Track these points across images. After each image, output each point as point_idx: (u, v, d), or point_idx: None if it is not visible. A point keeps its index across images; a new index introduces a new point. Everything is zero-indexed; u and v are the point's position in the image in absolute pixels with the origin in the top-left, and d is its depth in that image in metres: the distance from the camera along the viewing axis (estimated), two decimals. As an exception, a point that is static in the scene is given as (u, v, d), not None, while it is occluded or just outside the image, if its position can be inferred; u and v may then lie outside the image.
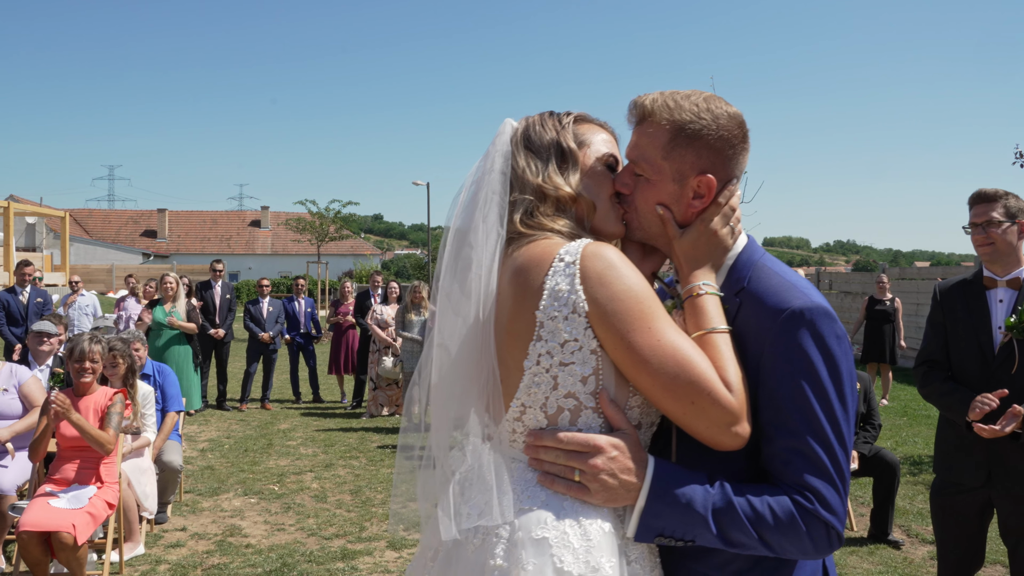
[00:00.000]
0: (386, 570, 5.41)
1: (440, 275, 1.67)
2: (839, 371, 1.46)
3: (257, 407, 12.08)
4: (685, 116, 1.56)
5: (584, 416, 1.49)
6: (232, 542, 5.92)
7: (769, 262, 1.60)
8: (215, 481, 7.67)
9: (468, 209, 1.62)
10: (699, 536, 1.43)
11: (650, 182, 1.60)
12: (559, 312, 1.44)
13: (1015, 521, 3.49)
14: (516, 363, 1.50)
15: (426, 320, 10.42)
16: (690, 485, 1.43)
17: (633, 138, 1.64)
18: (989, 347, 3.49)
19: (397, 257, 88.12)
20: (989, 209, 3.49)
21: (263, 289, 12.24)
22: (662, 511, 1.42)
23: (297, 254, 52.21)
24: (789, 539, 1.42)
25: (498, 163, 1.61)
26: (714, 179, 1.57)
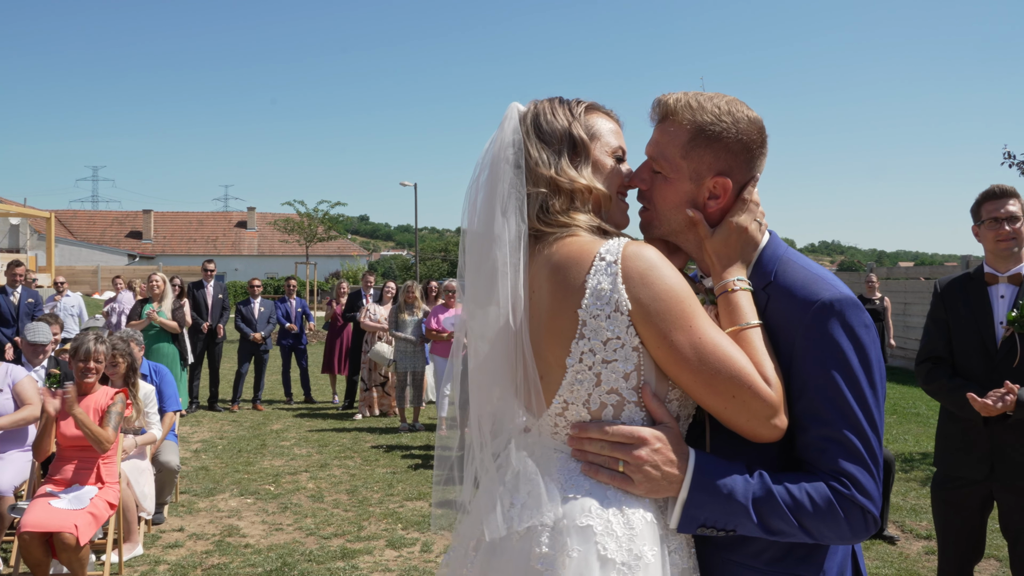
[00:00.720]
0: (387, 568, 5.41)
1: (464, 271, 1.68)
2: (869, 359, 1.49)
3: (249, 408, 12.04)
4: (707, 117, 1.58)
5: (627, 411, 1.52)
6: (231, 542, 5.91)
7: (794, 256, 1.63)
8: (210, 482, 7.65)
9: (487, 203, 1.61)
10: (740, 525, 1.46)
11: (668, 180, 1.62)
12: (602, 311, 1.45)
13: (1017, 515, 3.54)
14: (558, 360, 1.51)
15: (420, 320, 10.43)
16: (731, 476, 1.45)
17: (654, 135, 1.66)
18: (992, 342, 3.54)
19: (384, 258, 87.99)
20: (1008, 203, 3.52)
21: (254, 290, 12.20)
22: (704, 502, 1.45)
23: (284, 255, 51.99)
24: (828, 525, 1.45)
25: (511, 154, 1.59)
26: (730, 182, 1.60)
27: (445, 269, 67.91)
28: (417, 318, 10.56)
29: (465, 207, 1.70)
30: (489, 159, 1.64)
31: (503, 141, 1.62)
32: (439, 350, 10.32)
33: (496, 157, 1.62)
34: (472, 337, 1.69)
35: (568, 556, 1.44)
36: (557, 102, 1.66)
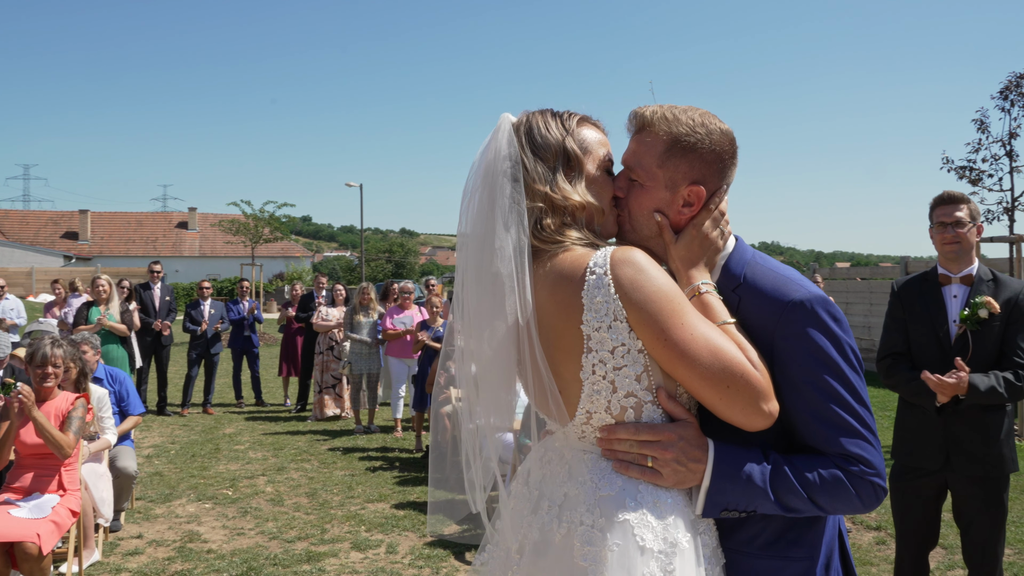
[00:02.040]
0: (354, 571, 5.41)
1: (463, 281, 1.71)
2: (843, 346, 1.59)
3: (199, 412, 11.85)
4: (682, 129, 1.66)
5: (647, 410, 1.59)
6: (192, 548, 5.83)
7: (761, 259, 1.72)
8: (165, 487, 7.52)
9: (487, 216, 1.64)
10: (760, 506, 1.55)
11: (644, 188, 1.69)
12: (602, 323, 1.51)
13: (969, 503, 3.72)
14: (572, 375, 1.57)
15: (375, 321, 10.40)
16: (749, 462, 1.55)
17: (631, 145, 1.73)
18: (946, 339, 3.73)
19: (327, 259, 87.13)
20: (956, 210, 3.72)
21: (203, 291, 12.01)
22: (726, 488, 1.54)
23: (227, 256, 51.07)
24: (840, 500, 1.56)
25: (508, 167, 1.63)
26: (703, 190, 1.68)
27: (389, 270, 67.58)
28: (372, 320, 10.52)
29: (461, 215, 1.73)
30: (483, 170, 1.67)
31: (499, 153, 1.64)
32: (394, 351, 10.31)
33: (492, 169, 1.65)
34: (474, 347, 1.73)
35: (610, 551, 1.51)
36: (550, 115, 1.70)
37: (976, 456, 3.66)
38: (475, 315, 1.70)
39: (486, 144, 1.70)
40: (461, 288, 1.74)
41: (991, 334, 3.67)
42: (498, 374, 1.70)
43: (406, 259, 79.85)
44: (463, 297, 1.74)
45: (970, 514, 3.74)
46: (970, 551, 3.77)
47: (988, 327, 3.67)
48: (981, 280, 3.75)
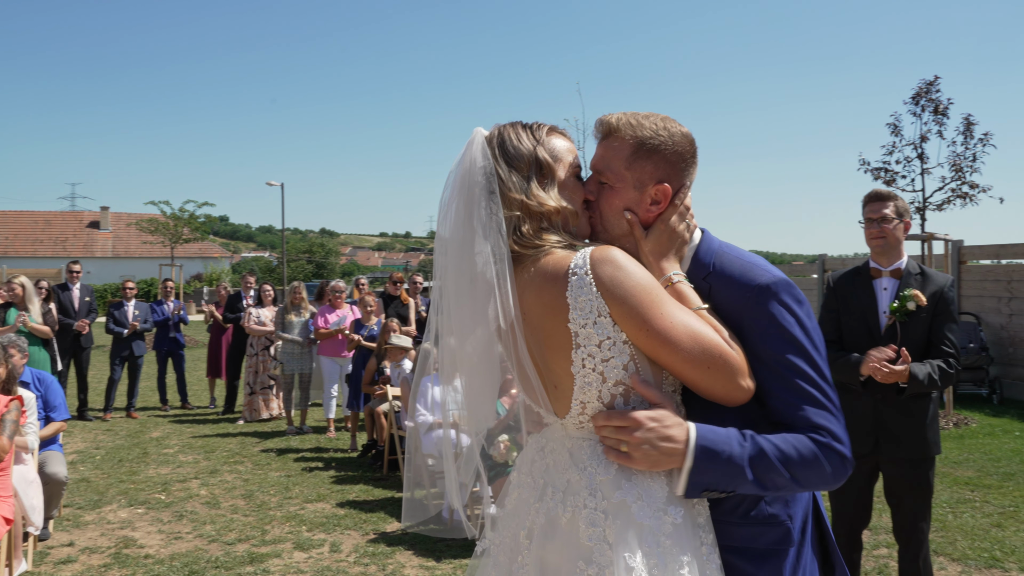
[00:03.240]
0: (298, 570, 5.37)
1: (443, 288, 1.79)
2: (806, 327, 1.71)
3: (122, 416, 11.51)
4: (646, 132, 1.78)
5: (635, 396, 1.68)
6: (129, 554, 5.69)
7: (728, 248, 1.84)
8: (94, 493, 7.31)
9: (465, 228, 1.72)
10: (740, 485, 1.64)
11: (614, 189, 1.80)
12: (587, 319, 1.60)
13: (898, 482, 3.95)
14: (565, 371, 1.66)
15: (306, 321, 10.28)
16: (728, 442, 1.63)
17: (599, 151, 1.83)
18: (876, 329, 3.95)
19: (245, 260, 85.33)
20: (883, 207, 3.94)
21: (127, 292, 11.66)
22: (706, 468, 1.62)
23: (141, 257, 49.53)
24: (814, 472, 1.65)
25: (483, 180, 1.71)
26: (669, 187, 1.79)
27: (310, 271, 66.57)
28: (304, 319, 10.40)
29: (440, 223, 1.81)
30: (459, 181, 1.75)
31: (474, 166, 1.72)
32: (326, 351, 10.22)
33: (468, 181, 1.72)
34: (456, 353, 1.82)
35: (610, 528, 1.60)
36: (520, 126, 1.79)
37: (904, 440, 3.89)
38: (457, 319, 1.78)
39: (460, 157, 1.77)
40: (440, 292, 1.82)
41: (918, 325, 3.90)
42: (482, 376, 1.80)
43: (327, 259, 78.79)
44: (443, 300, 1.81)
45: (899, 493, 3.97)
46: (900, 527, 4.00)
47: (916, 318, 3.90)
48: (910, 274, 3.98)
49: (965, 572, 5.16)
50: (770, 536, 1.72)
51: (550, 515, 1.71)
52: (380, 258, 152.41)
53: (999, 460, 8.15)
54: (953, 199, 12.20)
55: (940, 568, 5.18)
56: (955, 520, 6.20)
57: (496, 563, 1.83)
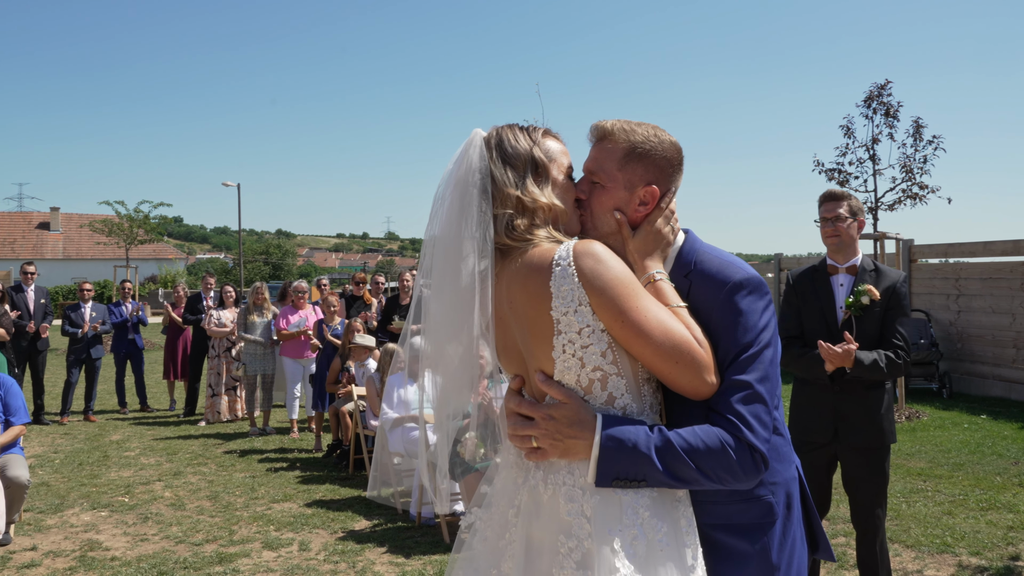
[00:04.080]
0: (268, 569, 5.38)
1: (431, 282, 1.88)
2: (760, 324, 1.80)
3: (79, 419, 11.34)
4: (638, 138, 1.90)
5: (612, 381, 1.76)
6: (95, 556, 5.65)
7: (708, 248, 1.95)
8: (54, 497, 7.22)
9: (456, 223, 1.82)
10: (649, 475, 1.69)
11: (605, 189, 1.90)
12: (569, 307, 1.70)
13: (856, 471, 4.11)
14: (546, 355, 1.75)
15: (269, 322, 10.23)
16: (634, 431, 1.70)
17: (593, 153, 1.94)
18: (834, 323, 4.10)
19: (200, 262, 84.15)
20: (837, 207, 4.10)
21: (84, 293, 11.49)
22: (613, 456, 1.69)
23: (93, 259, 48.55)
24: (720, 463, 1.70)
25: (478, 179, 1.80)
26: (657, 189, 1.91)
27: (267, 272, 65.90)
28: (266, 320, 10.36)
29: (431, 219, 1.89)
30: (455, 179, 1.84)
31: (470, 166, 1.82)
32: (289, 351, 10.19)
33: (463, 180, 1.82)
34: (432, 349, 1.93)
35: (587, 503, 1.70)
36: (518, 128, 1.89)
37: (861, 429, 4.05)
38: (440, 314, 1.87)
39: (458, 156, 1.86)
40: (422, 288, 1.91)
41: (873, 318, 4.06)
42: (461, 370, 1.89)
43: (283, 260, 78.11)
44: (427, 296, 1.90)
45: (856, 481, 4.12)
46: (857, 513, 4.15)
47: (870, 312, 4.06)
48: (864, 270, 4.15)
49: (919, 558, 5.35)
50: (754, 512, 1.81)
51: (533, 493, 1.79)
52: (337, 259, 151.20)
53: (949, 451, 8.42)
54: (904, 199, 12.57)
55: (895, 555, 5.36)
56: (909, 509, 6.41)
57: (484, 538, 1.91)
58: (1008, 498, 6.64)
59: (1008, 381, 11.83)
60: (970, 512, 6.30)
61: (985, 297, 12.19)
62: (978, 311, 12.32)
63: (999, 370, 11.99)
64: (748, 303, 1.79)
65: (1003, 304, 11.90)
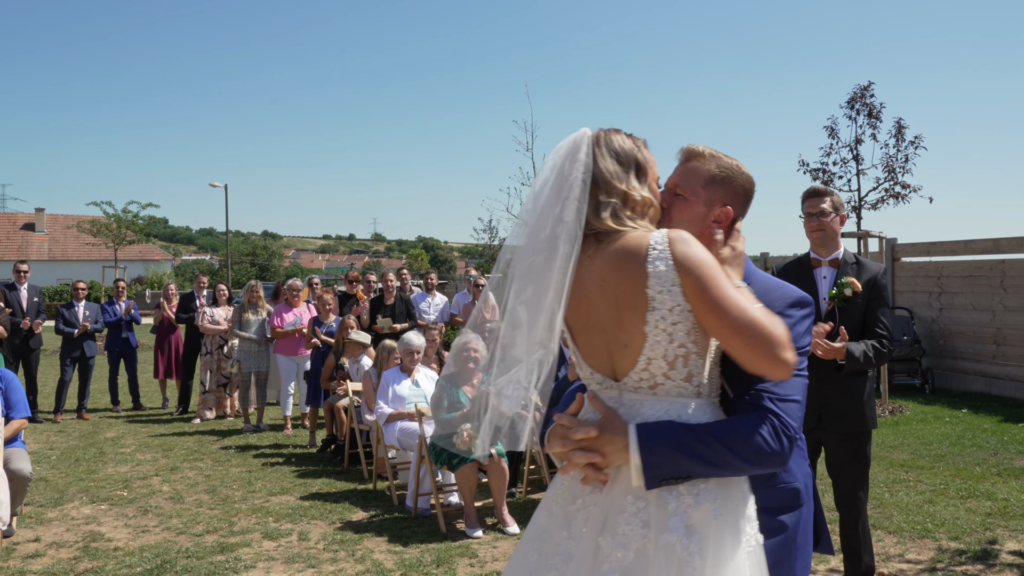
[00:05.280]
0: (269, 557, 5.51)
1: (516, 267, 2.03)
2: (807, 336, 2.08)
3: (73, 418, 11.41)
4: (724, 164, 2.17)
5: (692, 360, 1.92)
6: (97, 547, 5.76)
7: (759, 272, 2.22)
8: (53, 492, 7.31)
9: (552, 209, 1.99)
10: (691, 468, 1.84)
11: (688, 202, 2.15)
12: (663, 286, 1.86)
13: (839, 454, 4.29)
14: (638, 330, 1.89)
15: (263, 320, 10.34)
16: (669, 431, 1.86)
17: (680, 169, 2.20)
18: (818, 314, 4.27)
19: (186, 263, 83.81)
20: (821, 202, 4.28)
21: (78, 292, 11.56)
22: (654, 461, 1.84)
23: (79, 260, 48.41)
24: (748, 442, 1.86)
25: (581, 173, 1.99)
26: (732, 211, 2.16)
27: (254, 274, 65.73)
28: (261, 318, 10.47)
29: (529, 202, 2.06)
30: (557, 169, 2.02)
31: (575, 160, 2.01)
32: (283, 349, 10.30)
33: (566, 171, 2.01)
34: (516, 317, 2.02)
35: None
36: (623, 133, 2.11)
37: (844, 415, 4.23)
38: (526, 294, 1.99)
39: (564, 148, 2.05)
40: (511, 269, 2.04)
41: (855, 309, 4.25)
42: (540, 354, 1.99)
43: (270, 262, 77.87)
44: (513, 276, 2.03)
45: (840, 465, 4.30)
46: (841, 497, 4.33)
47: (852, 303, 4.24)
48: (846, 263, 4.33)
49: (900, 542, 5.54)
50: (783, 496, 2.07)
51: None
52: (324, 260, 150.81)
53: (931, 444, 8.64)
54: (887, 198, 12.80)
55: (878, 540, 5.55)
56: (891, 498, 6.61)
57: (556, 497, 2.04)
58: (987, 487, 6.85)
59: (988, 376, 12.09)
60: (950, 500, 6.50)
61: (966, 295, 12.45)
62: (959, 308, 12.57)
63: (980, 366, 12.25)
64: (797, 315, 2.05)
65: (983, 301, 12.15)
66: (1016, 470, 7.43)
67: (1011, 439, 8.81)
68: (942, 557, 5.25)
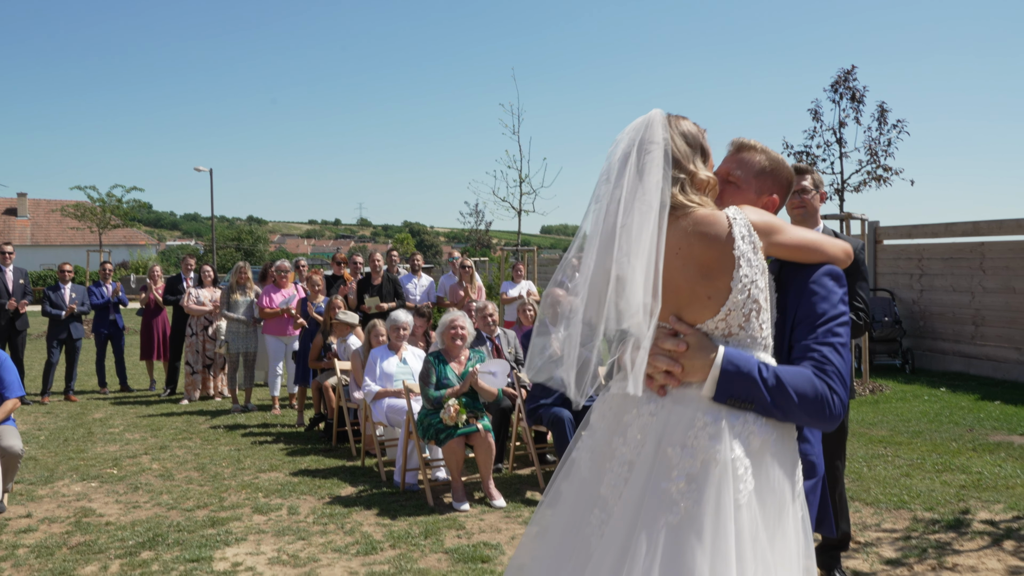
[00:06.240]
0: (260, 530, 5.60)
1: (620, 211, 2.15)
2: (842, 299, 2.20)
3: (60, 399, 11.43)
4: (774, 158, 2.40)
5: (762, 315, 2.11)
6: (89, 522, 5.83)
7: None
8: (43, 471, 7.36)
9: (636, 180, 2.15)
10: (757, 399, 2.02)
11: (739, 188, 2.36)
12: (748, 248, 2.08)
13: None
14: (724, 285, 2.08)
15: (251, 301, 10.39)
16: (749, 362, 2.05)
17: (733, 158, 2.41)
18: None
19: (170, 248, 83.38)
20: (802, 180, 4.37)
21: (64, 275, 11.55)
22: (731, 378, 2.03)
23: (63, 245, 48.12)
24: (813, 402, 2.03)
25: (661, 146, 2.16)
26: (778, 200, 2.38)
27: (239, 259, 65.52)
28: (249, 299, 10.51)
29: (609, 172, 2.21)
30: (638, 143, 2.18)
31: (653, 137, 2.17)
32: (271, 329, 10.36)
33: (646, 143, 2.17)
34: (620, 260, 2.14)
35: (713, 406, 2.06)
36: (688, 120, 2.30)
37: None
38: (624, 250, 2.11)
39: (639, 125, 2.21)
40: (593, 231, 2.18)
41: (833, 284, 4.35)
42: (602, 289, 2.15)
43: (255, 247, 77.63)
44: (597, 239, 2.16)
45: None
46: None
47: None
48: (825, 238, 4.43)
49: (877, 513, 5.69)
50: (804, 465, 2.19)
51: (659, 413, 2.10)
52: (310, 245, 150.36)
53: (909, 421, 8.81)
54: (869, 181, 12.97)
55: (855, 511, 5.70)
56: (869, 472, 6.76)
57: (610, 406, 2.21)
58: (962, 461, 7.02)
59: (967, 357, 12.29)
60: (926, 474, 6.66)
61: (946, 276, 12.63)
62: (939, 290, 12.76)
63: (959, 346, 12.45)
64: (835, 284, 2.19)
65: (963, 283, 12.34)
66: (991, 445, 7.61)
67: (987, 416, 9.01)
68: (916, 526, 5.40)
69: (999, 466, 6.85)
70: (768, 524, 2.01)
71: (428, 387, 6.42)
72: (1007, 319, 11.66)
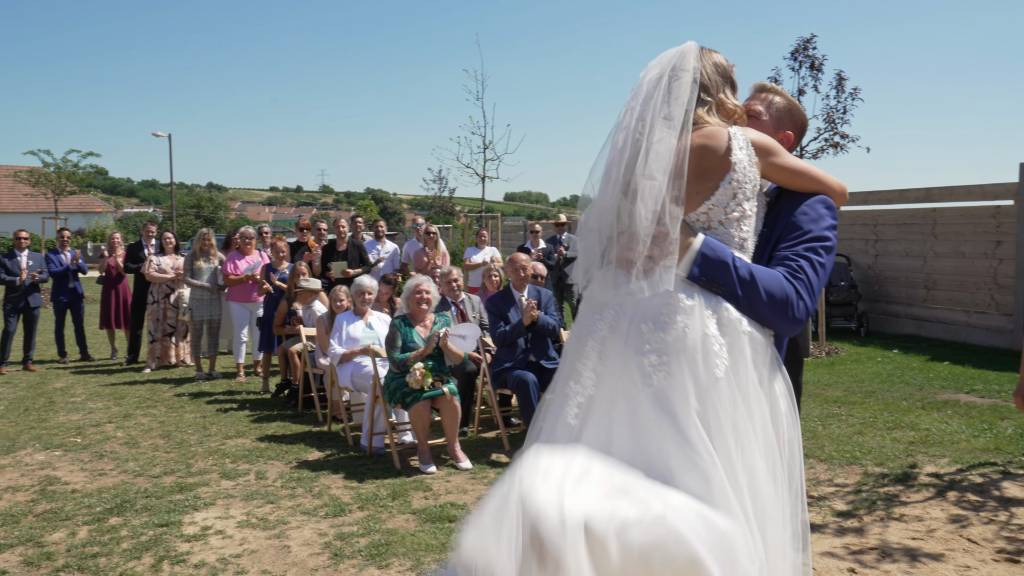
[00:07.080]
0: (228, 495, 5.65)
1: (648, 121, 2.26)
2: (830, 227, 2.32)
3: (18, 369, 11.30)
4: (793, 102, 2.65)
5: (747, 222, 2.22)
6: (55, 490, 5.84)
7: None
8: (4, 440, 7.32)
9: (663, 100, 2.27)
10: (727, 284, 2.12)
11: (760, 122, 2.57)
12: (743, 157, 2.22)
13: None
14: (713, 183, 2.20)
15: (215, 268, 10.33)
16: (725, 249, 2.16)
17: (757, 96, 2.64)
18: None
19: (128, 215, 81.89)
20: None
21: (20, 241, 11.35)
22: (707, 259, 2.13)
23: (15, 212, 47.00)
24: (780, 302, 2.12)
25: (691, 70, 2.30)
26: (792, 137, 2.60)
27: (199, 226, 64.60)
28: (213, 266, 10.44)
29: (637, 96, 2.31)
30: (668, 71, 2.31)
31: (685, 65, 2.31)
32: (236, 296, 10.31)
33: (678, 70, 2.30)
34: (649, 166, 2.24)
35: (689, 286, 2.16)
36: (720, 54, 2.44)
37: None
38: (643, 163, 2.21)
39: (674, 54, 2.35)
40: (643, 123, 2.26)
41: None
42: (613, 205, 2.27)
43: (216, 214, 76.54)
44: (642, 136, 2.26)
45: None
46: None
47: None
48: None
49: (830, 468, 5.91)
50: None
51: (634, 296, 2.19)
52: (271, 213, 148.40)
53: (863, 382, 9.09)
54: (827, 148, 13.14)
55: (810, 468, 5.90)
56: (824, 430, 6.99)
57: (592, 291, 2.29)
58: (912, 419, 7.28)
59: (919, 320, 12.64)
60: (878, 431, 6.91)
61: (900, 242, 12.93)
62: (893, 255, 13.07)
63: (911, 309, 12.79)
64: (827, 211, 2.31)
65: (915, 248, 12.65)
66: (939, 403, 7.89)
67: (936, 376, 9.32)
68: (867, 480, 5.62)
69: (946, 423, 7.12)
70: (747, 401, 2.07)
71: (394, 350, 6.48)
72: (956, 283, 11.99)
